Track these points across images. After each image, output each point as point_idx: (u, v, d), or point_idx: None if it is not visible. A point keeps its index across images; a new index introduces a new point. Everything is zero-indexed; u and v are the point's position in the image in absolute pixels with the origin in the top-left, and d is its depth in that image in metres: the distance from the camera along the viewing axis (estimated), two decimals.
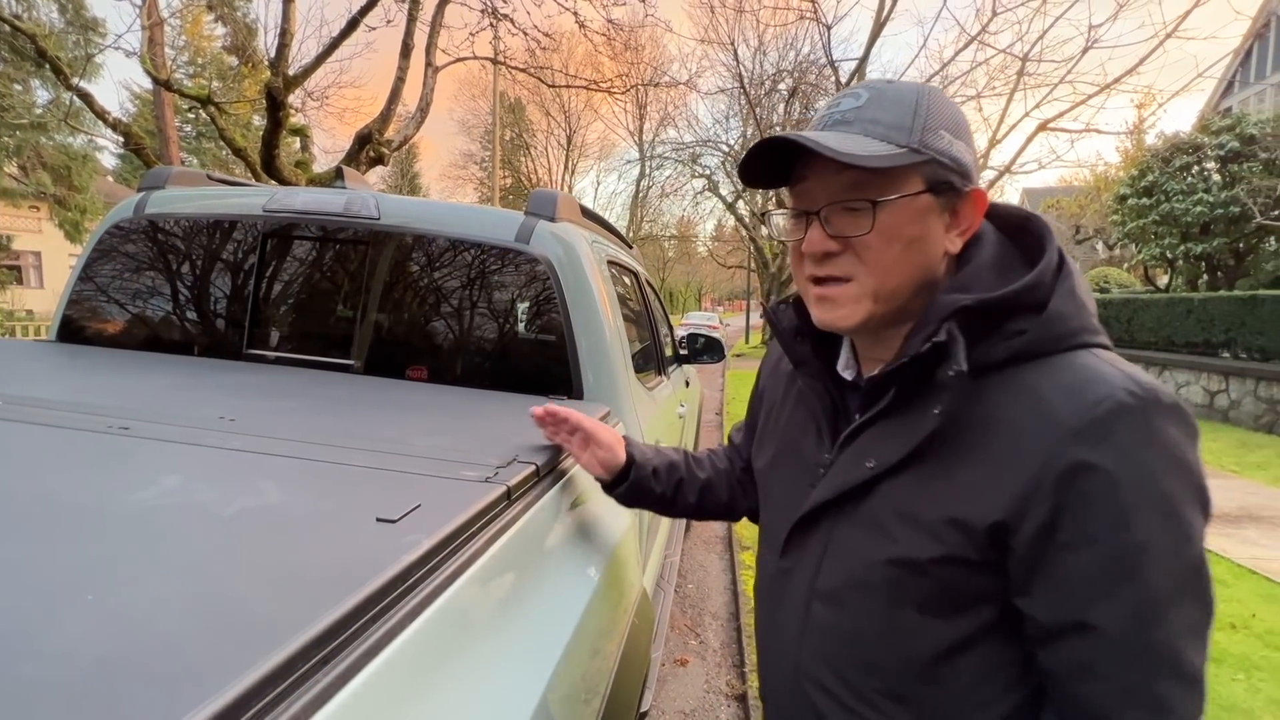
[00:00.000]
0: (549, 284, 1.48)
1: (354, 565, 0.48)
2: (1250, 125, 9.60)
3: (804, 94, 13.68)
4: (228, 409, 0.97)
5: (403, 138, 10.13)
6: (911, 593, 0.60)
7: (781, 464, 0.78)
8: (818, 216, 0.63)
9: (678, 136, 18.99)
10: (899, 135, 0.60)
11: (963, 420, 0.58)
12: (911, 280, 0.63)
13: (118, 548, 0.49)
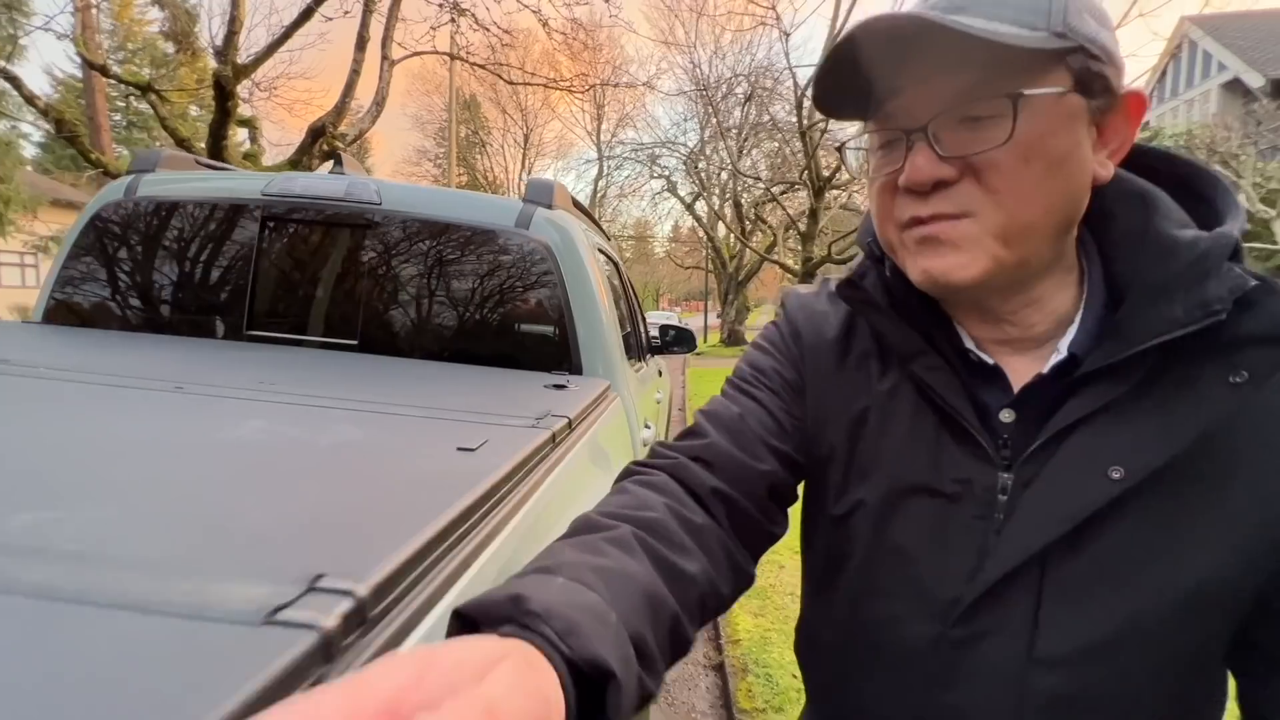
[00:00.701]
0: (548, 267, 1.56)
1: (458, 476, 0.57)
2: (1166, 138, 10.43)
3: (759, 98, 14.05)
4: (261, 377, 1.02)
5: (357, 132, 9.93)
6: (1192, 625, 0.47)
7: (910, 498, 0.54)
8: (924, 134, 0.46)
9: (636, 137, 19.20)
10: (1035, 18, 0.44)
11: (1243, 429, 0.46)
12: (1053, 218, 0.47)
13: (259, 468, 0.56)
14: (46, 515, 0.40)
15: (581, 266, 1.58)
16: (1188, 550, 0.46)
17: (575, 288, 1.56)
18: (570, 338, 1.54)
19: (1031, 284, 0.50)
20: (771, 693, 2.27)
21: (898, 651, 0.54)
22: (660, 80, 18.37)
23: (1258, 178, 8.96)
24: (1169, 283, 0.46)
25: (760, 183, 12.85)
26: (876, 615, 0.55)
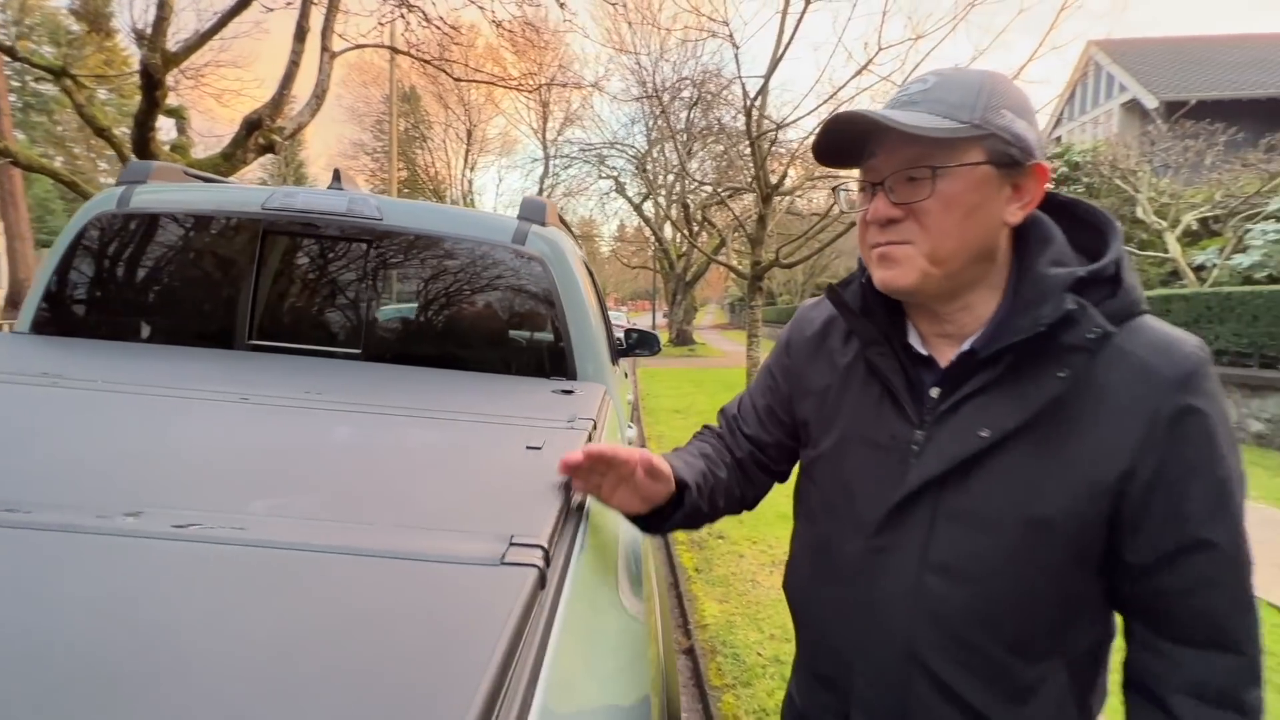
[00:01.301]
0: (543, 281, 1.69)
1: (545, 465, 0.71)
2: (1075, 154, 11.39)
3: (705, 102, 14.39)
4: (303, 387, 1.11)
5: (296, 125, 9.60)
6: (1040, 549, 0.63)
7: (855, 446, 0.76)
8: (882, 186, 0.67)
9: (585, 137, 19.25)
10: (962, 113, 0.63)
11: (1083, 392, 0.63)
12: (968, 247, 0.66)
13: (389, 464, 0.68)
14: (274, 501, 0.52)
15: (574, 279, 1.71)
16: (1039, 487, 0.64)
17: (569, 299, 1.69)
18: (566, 346, 1.67)
19: (962, 294, 0.69)
20: (739, 670, 2.46)
21: (838, 560, 0.76)
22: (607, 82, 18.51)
23: (1152, 192, 9.94)
24: (1027, 303, 0.66)
25: (706, 186, 13.19)
26: (827, 533, 0.79)
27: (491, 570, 0.43)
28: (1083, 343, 0.62)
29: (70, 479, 0.55)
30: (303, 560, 0.43)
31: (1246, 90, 14.88)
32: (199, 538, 0.44)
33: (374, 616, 0.38)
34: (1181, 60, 16.55)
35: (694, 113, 14.39)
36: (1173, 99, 14.53)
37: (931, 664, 0.68)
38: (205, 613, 0.36)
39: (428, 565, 0.43)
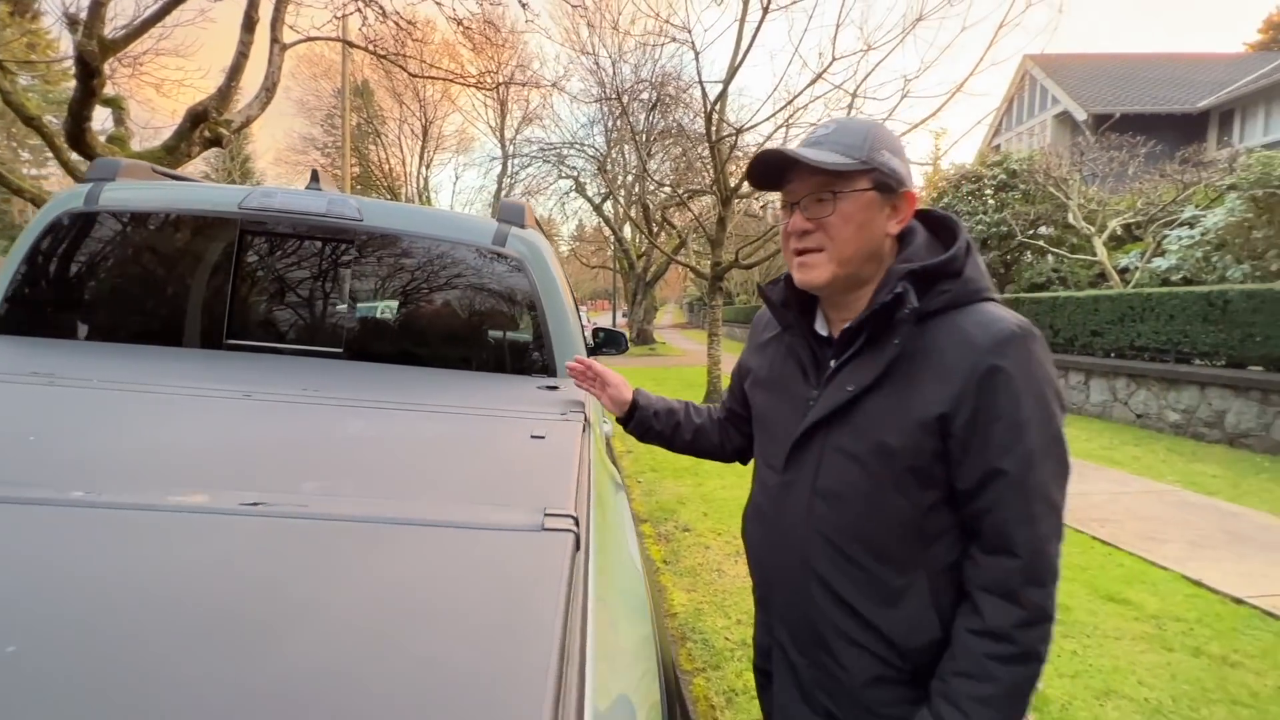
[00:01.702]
0: (524, 282, 1.75)
1: (554, 450, 0.78)
2: (1013, 162, 12.02)
3: (664, 104, 14.56)
4: (300, 384, 1.15)
5: (245, 118, 9.29)
6: (890, 474, 0.83)
7: (776, 404, 1.00)
8: (798, 206, 0.90)
9: (544, 136, 19.15)
10: (855, 151, 0.86)
11: (915, 351, 0.83)
12: (861, 252, 0.88)
13: (414, 452, 0.74)
14: (322, 483, 0.58)
15: (553, 280, 1.78)
16: (887, 425, 0.83)
17: (549, 300, 1.75)
18: (546, 344, 1.73)
19: (859, 288, 0.91)
20: (709, 655, 2.57)
21: (763, 497, 0.98)
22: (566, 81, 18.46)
23: (1082, 199, 10.61)
24: (879, 291, 0.88)
25: (665, 187, 13.34)
26: (760, 478, 1.02)
27: (536, 535, 0.50)
28: (905, 318, 0.82)
29: (120, 469, 0.59)
30: (368, 530, 0.49)
31: (1165, 106, 16.00)
32: (269, 513, 0.50)
33: (444, 575, 0.44)
34: (1108, 76, 17.67)
35: (653, 115, 14.53)
36: (1100, 112, 15.51)
37: (822, 573, 0.87)
38: (302, 571, 0.42)
39: (479, 532, 0.50)
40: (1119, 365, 7.46)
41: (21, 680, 0.28)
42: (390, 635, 0.37)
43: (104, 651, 0.31)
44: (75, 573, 0.39)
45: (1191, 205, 9.21)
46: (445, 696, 0.31)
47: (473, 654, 0.36)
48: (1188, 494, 4.72)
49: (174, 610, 0.37)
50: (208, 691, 0.29)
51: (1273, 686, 2.32)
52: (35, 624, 0.33)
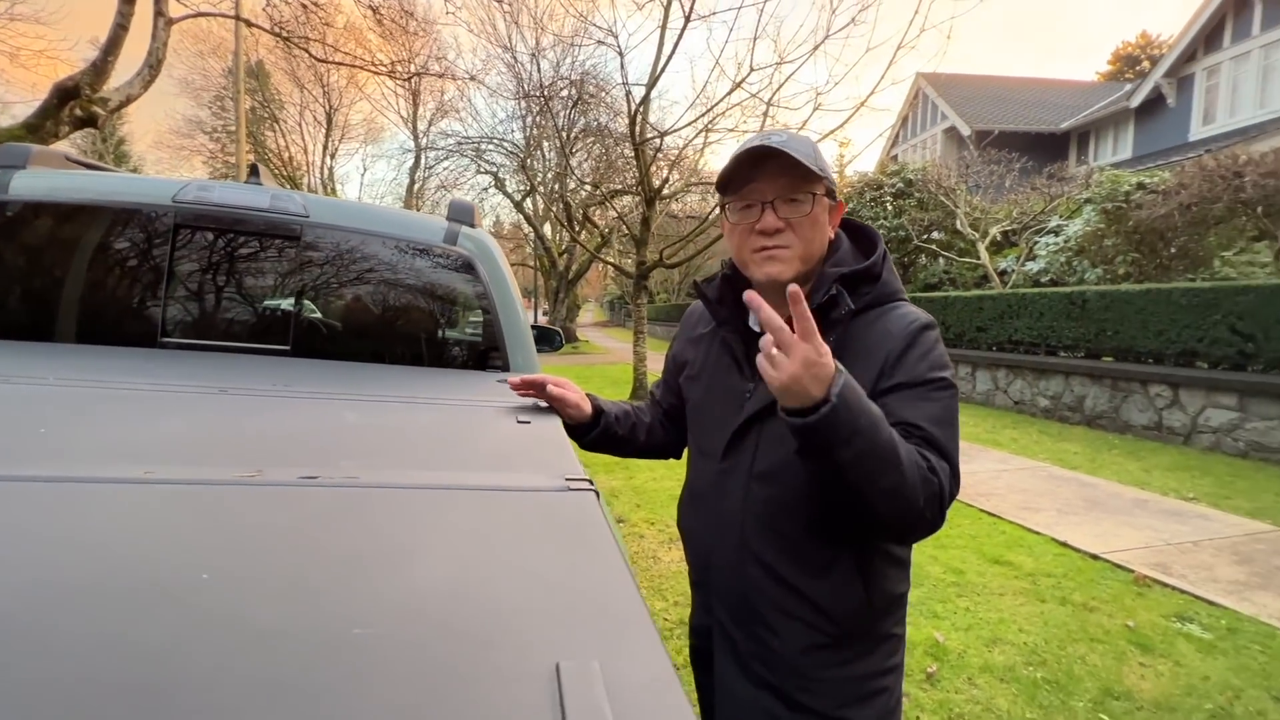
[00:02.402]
0: (476, 279, 1.79)
1: (542, 431, 0.87)
2: (909, 172, 13.03)
3: (584, 103, 14.59)
4: (265, 381, 1.16)
5: (125, 97, 8.55)
6: None
7: (713, 396, 1.06)
8: (770, 205, 0.94)
9: (461, 129, 18.63)
10: (812, 161, 0.92)
11: (844, 345, 0.90)
12: (818, 251, 0.97)
13: (421, 435, 0.80)
14: (358, 460, 0.64)
15: (504, 278, 1.83)
16: None
17: (500, 297, 1.81)
18: (500, 340, 1.79)
19: (805, 285, 0.94)
20: None
21: (701, 484, 1.05)
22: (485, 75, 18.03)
23: (967, 208, 11.71)
24: (813, 291, 0.95)
25: (587, 185, 13.40)
26: (696, 468, 1.09)
27: (564, 494, 0.60)
28: (840, 317, 0.92)
29: (162, 452, 0.63)
30: (426, 495, 0.56)
31: (1034, 126, 17.86)
32: (329, 484, 0.56)
33: (506, 526, 0.53)
34: (988, 96, 19.48)
35: (573, 113, 14.52)
36: (982, 129, 17.08)
37: (756, 549, 0.94)
38: (377, 532, 0.50)
39: (517, 494, 0.59)
40: (999, 358, 8.32)
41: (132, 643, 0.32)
42: (489, 573, 0.45)
43: (214, 610, 0.35)
44: (171, 541, 0.44)
45: (1057, 215, 10.40)
46: (570, 612, 0.38)
47: (572, 578, 0.44)
48: (1055, 469, 5.39)
49: (286, 565, 0.43)
50: (338, 629, 0.34)
51: (1120, 625, 2.76)
52: (146, 589, 0.37)
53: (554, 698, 0.26)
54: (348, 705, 0.26)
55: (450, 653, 0.31)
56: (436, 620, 0.34)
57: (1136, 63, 30.92)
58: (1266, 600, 2.96)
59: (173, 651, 0.29)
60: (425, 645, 0.31)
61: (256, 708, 0.25)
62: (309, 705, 0.26)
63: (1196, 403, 6.06)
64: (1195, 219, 7.33)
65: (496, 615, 0.35)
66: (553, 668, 0.28)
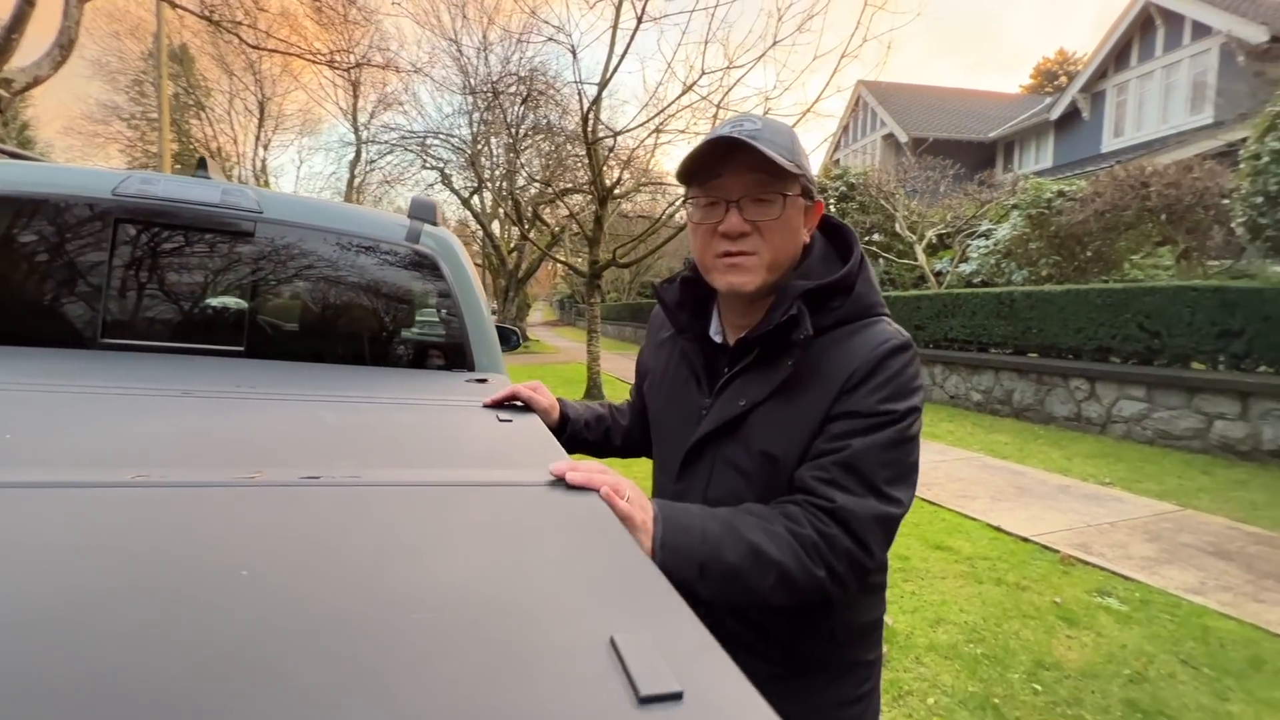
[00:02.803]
0: (440, 278, 1.77)
1: (528, 428, 0.88)
2: (851, 176, 13.51)
3: (534, 99, 14.42)
4: (225, 382, 1.12)
5: (33, 79, 7.99)
6: (775, 482, 0.82)
7: (671, 409, 0.99)
8: (735, 205, 0.81)
9: (405, 123, 18.08)
10: (788, 154, 0.80)
11: (805, 367, 0.82)
12: (789, 258, 0.85)
13: (413, 434, 0.80)
14: (351, 460, 0.64)
15: (468, 277, 1.82)
16: (775, 437, 0.83)
17: (464, 295, 1.79)
18: (464, 340, 1.77)
19: (767, 297, 0.87)
20: None
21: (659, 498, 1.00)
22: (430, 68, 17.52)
23: (905, 211, 12.26)
24: (775, 306, 0.84)
25: (537, 183, 13.27)
26: (656, 478, 1.04)
27: (567, 488, 0.62)
28: (799, 341, 0.81)
29: (163, 455, 0.61)
30: (434, 492, 0.57)
31: (965, 134, 18.83)
32: (333, 484, 0.56)
33: (521, 519, 0.54)
34: (923, 105, 20.40)
35: (522, 109, 14.34)
36: (918, 136, 17.87)
37: None
38: (393, 528, 0.50)
39: (523, 489, 0.60)
40: (937, 354, 8.76)
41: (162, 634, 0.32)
42: (519, 560, 0.45)
43: (252, 604, 0.35)
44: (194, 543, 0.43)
45: (987, 220, 11.01)
46: (607, 592, 0.40)
47: (597, 562, 0.44)
48: (988, 459, 5.73)
49: (323, 559, 0.43)
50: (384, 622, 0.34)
51: (1049, 601, 2.97)
52: (163, 587, 0.36)
53: (617, 665, 0.29)
54: (431, 678, 0.28)
55: (508, 631, 0.32)
56: (486, 603, 0.35)
57: (1055, 77, 33.06)
58: (1173, 574, 3.25)
59: (264, 639, 0.30)
60: (481, 625, 0.33)
61: (356, 685, 0.26)
62: (397, 681, 0.27)
63: (1110, 395, 6.55)
64: (1108, 225, 7.92)
65: (540, 597, 0.37)
66: (608, 640, 0.31)
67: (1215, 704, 2.19)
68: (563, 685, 0.27)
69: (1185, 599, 2.96)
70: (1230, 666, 2.41)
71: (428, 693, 0.26)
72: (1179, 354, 5.93)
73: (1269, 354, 5.29)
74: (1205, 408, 5.69)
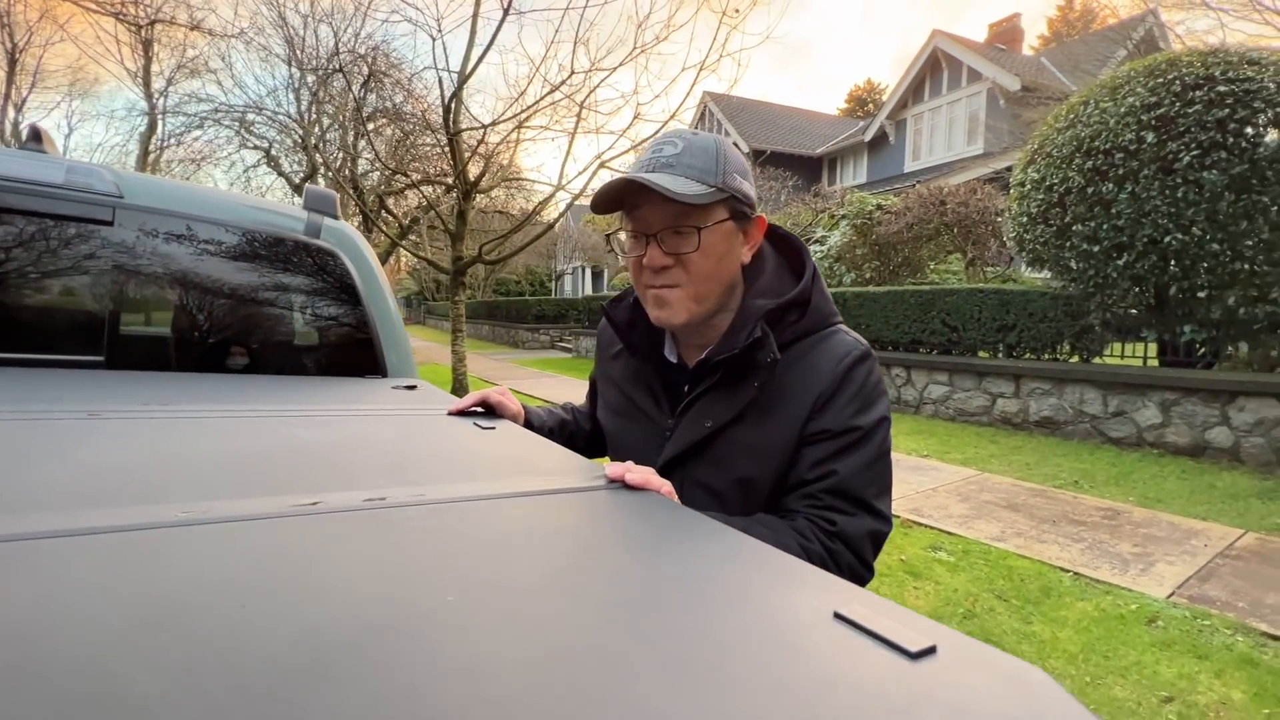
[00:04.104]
0: (344, 275, 1.63)
1: (512, 435, 0.88)
2: None
3: (378, 80, 13.33)
4: (135, 399, 0.96)
5: None
6: (752, 502, 0.84)
7: (631, 425, 0.98)
8: (654, 238, 0.82)
9: (221, 95, 15.72)
10: (709, 177, 0.79)
11: (771, 387, 0.83)
12: (721, 284, 0.86)
13: (405, 451, 0.75)
14: (397, 478, 0.61)
15: (374, 274, 1.69)
16: (747, 459, 0.84)
17: (372, 294, 1.67)
18: (375, 342, 1.65)
19: (713, 319, 0.89)
20: None
21: None
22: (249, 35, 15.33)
23: None
24: (737, 328, 0.86)
25: (387, 170, 12.32)
26: None
27: (611, 490, 0.64)
28: (765, 363, 0.82)
29: (203, 483, 0.52)
30: (509, 503, 0.56)
31: (797, 149, 20.83)
32: (397, 504, 0.53)
33: (611, 519, 0.55)
34: (761, 119, 22.19)
35: (362, 91, 13.21)
36: (757, 148, 19.43)
37: None
38: (480, 542, 0.49)
39: (584, 493, 0.61)
40: None
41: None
42: (679, 554, 0.46)
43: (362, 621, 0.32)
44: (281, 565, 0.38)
45: (821, 228, 12.31)
46: (775, 570, 0.44)
47: (723, 547, 0.47)
48: None
49: (423, 582, 0.41)
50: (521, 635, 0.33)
51: (896, 560, 3.46)
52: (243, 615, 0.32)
53: (860, 633, 0.33)
54: (727, 660, 0.30)
55: (742, 614, 0.35)
56: (695, 593, 0.37)
57: (865, 104, 37.79)
58: (983, 526, 3.94)
59: (503, 654, 0.29)
60: (711, 613, 0.35)
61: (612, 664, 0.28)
62: (699, 664, 0.29)
63: (922, 380, 7.70)
64: (916, 235, 9.28)
65: (731, 585, 0.40)
66: (831, 614, 0.35)
67: (1023, 627, 2.72)
68: (831, 653, 0.31)
69: (993, 546, 3.61)
70: (1030, 596, 3.00)
71: (735, 664, 0.29)
72: (970, 345, 7.14)
73: (1034, 344, 6.58)
74: (990, 389, 6.92)
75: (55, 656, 0.26)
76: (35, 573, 0.35)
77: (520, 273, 27.50)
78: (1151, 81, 5.45)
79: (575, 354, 15.34)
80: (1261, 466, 4.92)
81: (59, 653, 0.27)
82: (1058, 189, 5.94)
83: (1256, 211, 4.95)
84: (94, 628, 0.29)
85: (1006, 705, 0.27)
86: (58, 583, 0.34)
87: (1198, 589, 2.98)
